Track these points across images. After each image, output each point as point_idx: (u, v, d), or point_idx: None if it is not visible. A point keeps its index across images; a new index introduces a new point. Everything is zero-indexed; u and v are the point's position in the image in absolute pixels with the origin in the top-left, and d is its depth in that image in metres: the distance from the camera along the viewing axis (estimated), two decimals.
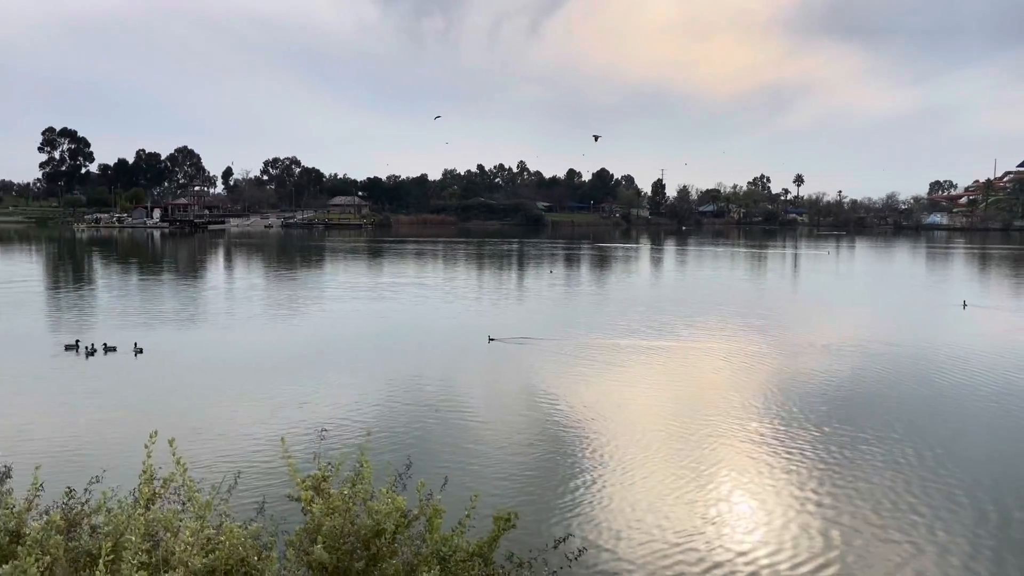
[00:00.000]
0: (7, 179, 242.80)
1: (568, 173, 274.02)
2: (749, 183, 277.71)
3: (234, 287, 64.71)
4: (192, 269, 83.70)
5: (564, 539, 8.17)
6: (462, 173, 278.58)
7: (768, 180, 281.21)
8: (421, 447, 19.61)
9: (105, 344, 32.49)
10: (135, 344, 32.73)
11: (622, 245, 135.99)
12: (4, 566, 5.07)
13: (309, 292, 59.29)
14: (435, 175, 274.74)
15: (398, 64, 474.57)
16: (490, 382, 29.12)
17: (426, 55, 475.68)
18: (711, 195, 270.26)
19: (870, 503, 16.61)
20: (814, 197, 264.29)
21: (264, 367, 30.92)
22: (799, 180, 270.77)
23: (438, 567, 6.93)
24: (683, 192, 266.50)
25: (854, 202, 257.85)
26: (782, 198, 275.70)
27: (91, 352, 31.80)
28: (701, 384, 28.64)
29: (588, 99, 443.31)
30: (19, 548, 5.27)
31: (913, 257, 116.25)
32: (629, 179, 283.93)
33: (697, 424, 22.46)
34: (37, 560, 5.14)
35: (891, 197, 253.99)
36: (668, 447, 20.46)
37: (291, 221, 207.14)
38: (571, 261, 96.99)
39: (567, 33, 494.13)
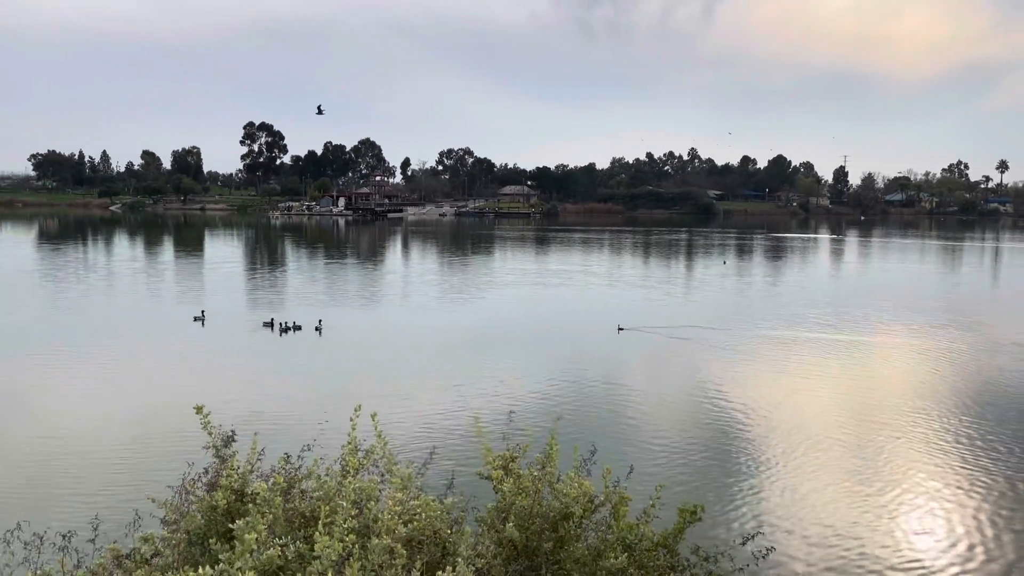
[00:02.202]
0: (214, 170, 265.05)
1: (742, 160, 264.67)
2: (943, 170, 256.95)
3: (412, 271, 67.64)
4: (373, 254, 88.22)
5: (752, 536, 7.92)
6: (630, 161, 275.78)
7: (966, 166, 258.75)
8: (604, 433, 19.60)
9: (294, 322, 35.02)
10: (319, 321, 35.11)
11: (799, 235, 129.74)
12: (238, 521, 5.57)
13: (483, 277, 60.97)
14: (603, 163, 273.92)
15: (568, 54, 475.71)
16: (667, 372, 28.78)
17: (596, 44, 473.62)
18: (899, 183, 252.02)
19: None
20: (1021, 185, 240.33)
21: (446, 348, 32.20)
22: (1003, 166, 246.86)
23: (624, 555, 6.92)
24: (868, 180, 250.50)
25: None
26: (982, 186, 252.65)
27: (284, 330, 34.42)
28: (885, 383, 26.87)
29: (765, 84, 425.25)
30: (250, 506, 5.79)
31: None
32: (808, 166, 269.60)
33: (880, 425, 21.14)
34: (263, 517, 5.63)
35: None
36: (848, 447, 19.40)
37: (463, 210, 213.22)
38: (744, 251, 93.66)
39: (743, 17, 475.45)
